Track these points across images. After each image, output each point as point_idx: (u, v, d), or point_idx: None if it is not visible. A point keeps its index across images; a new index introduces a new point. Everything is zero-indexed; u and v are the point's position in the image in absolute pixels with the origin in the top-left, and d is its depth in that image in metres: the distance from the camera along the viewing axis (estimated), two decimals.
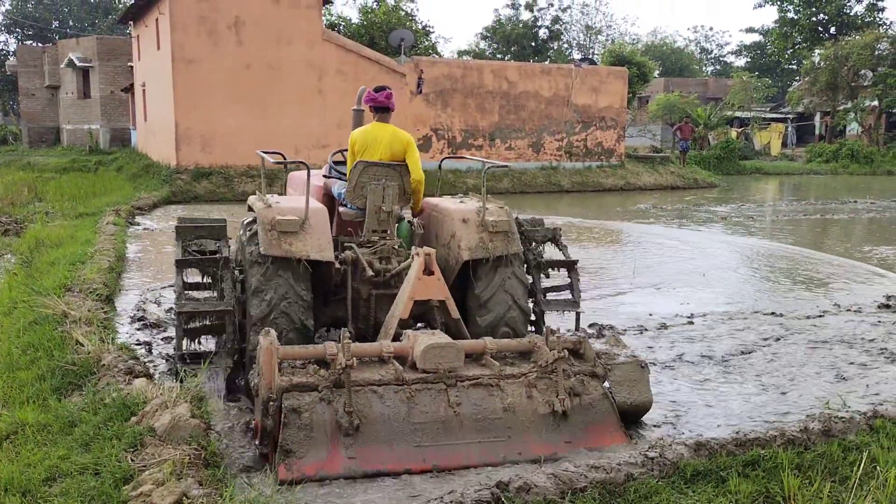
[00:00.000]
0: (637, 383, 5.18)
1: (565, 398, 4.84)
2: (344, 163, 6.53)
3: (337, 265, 5.58)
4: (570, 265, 6.46)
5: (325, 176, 6.59)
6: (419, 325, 5.79)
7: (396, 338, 5.19)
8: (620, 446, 4.79)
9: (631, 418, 5.19)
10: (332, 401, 4.56)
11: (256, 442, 4.68)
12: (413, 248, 5.57)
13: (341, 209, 6.16)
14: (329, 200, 6.21)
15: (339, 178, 6.38)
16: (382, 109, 6.02)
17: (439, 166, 7.16)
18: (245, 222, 5.81)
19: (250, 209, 5.92)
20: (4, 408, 5.03)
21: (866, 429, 4.87)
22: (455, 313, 5.44)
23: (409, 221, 6.10)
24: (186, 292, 5.69)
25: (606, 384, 5.10)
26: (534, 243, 6.45)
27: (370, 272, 5.61)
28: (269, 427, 4.49)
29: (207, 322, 5.55)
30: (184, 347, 5.68)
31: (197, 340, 5.74)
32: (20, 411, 4.86)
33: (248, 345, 5.38)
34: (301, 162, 5.83)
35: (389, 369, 4.85)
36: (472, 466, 4.57)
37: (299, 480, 4.30)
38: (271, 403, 4.49)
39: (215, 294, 5.69)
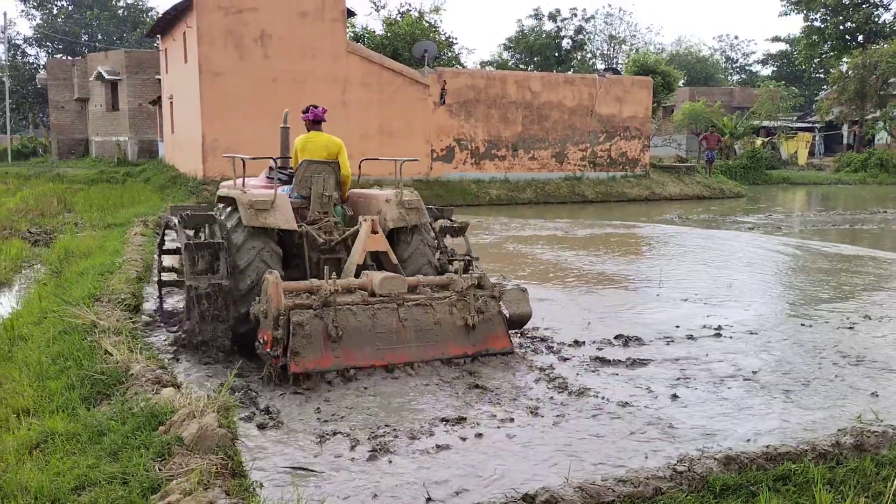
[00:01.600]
0: (520, 301, 7.37)
1: (475, 315, 6.74)
2: (280, 169, 8.24)
3: (295, 238, 7.36)
4: (462, 229, 8.36)
5: (268, 177, 8.08)
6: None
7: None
8: (507, 349, 6.82)
9: (519, 325, 7.42)
10: (322, 317, 6.24)
11: (267, 350, 6.13)
12: (360, 217, 7.34)
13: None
14: None
15: (281, 181, 8.00)
16: (318, 122, 7.81)
17: (359, 166, 8.59)
18: (225, 209, 7.28)
19: (220, 199, 7.61)
20: (34, 417, 5.10)
21: None
22: (394, 259, 7.28)
23: (342, 206, 7.84)
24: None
25: (502, 305, 7.04)
26: (437, 218, 8.40)
27: (320, 240, 7.29)
28: (279, 336, 6.08)
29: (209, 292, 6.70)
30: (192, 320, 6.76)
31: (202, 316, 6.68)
32: (50, 420, 4.91)
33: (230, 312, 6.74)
34: (270, 157, 8.08)
35: (357, 295, 6.55)
36: (412, 362, 6.41)
37: (304, 373, 6.00)
38: (281, 318, 6.11)
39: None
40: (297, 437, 5.08)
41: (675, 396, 5.96)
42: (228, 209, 7.24)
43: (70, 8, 59.16)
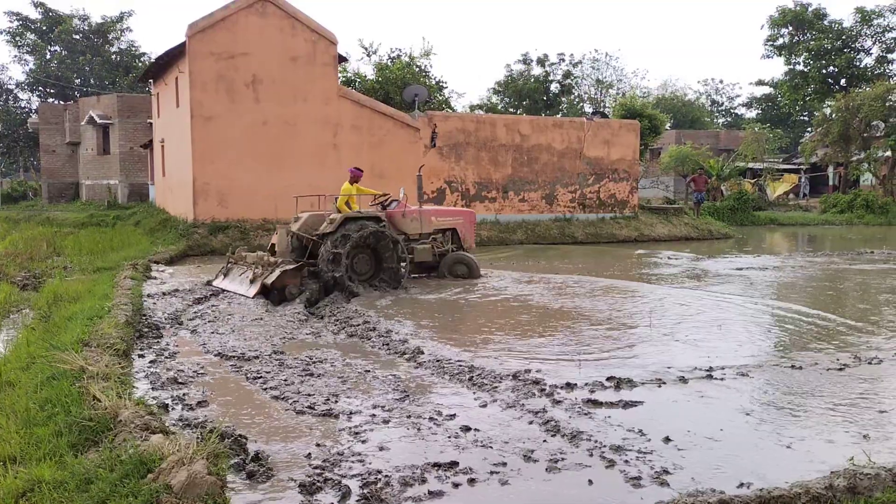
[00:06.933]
0: (283, 277, 12.16)
1: (258, 276, 12.42)
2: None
3: None
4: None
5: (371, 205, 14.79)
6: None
7: None
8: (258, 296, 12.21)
9: (277, 287, 12.14)
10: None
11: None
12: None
13: None
14: None
15: (382, 206, 14.70)
16: (353, 178, 14.18)
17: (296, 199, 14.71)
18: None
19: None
20: (21, 464, 5.02)
21: (893, 485, 4.77)
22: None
23: None
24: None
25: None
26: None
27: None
28: None
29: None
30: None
31: None
32: (37, 468, 4.84)
33: None
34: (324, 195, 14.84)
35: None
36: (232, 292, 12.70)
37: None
38: None
39: None
40: (286, 485, 5.02)
41: (667, 439, 5.93)
42: None
43: (63, 53, 59.59)
